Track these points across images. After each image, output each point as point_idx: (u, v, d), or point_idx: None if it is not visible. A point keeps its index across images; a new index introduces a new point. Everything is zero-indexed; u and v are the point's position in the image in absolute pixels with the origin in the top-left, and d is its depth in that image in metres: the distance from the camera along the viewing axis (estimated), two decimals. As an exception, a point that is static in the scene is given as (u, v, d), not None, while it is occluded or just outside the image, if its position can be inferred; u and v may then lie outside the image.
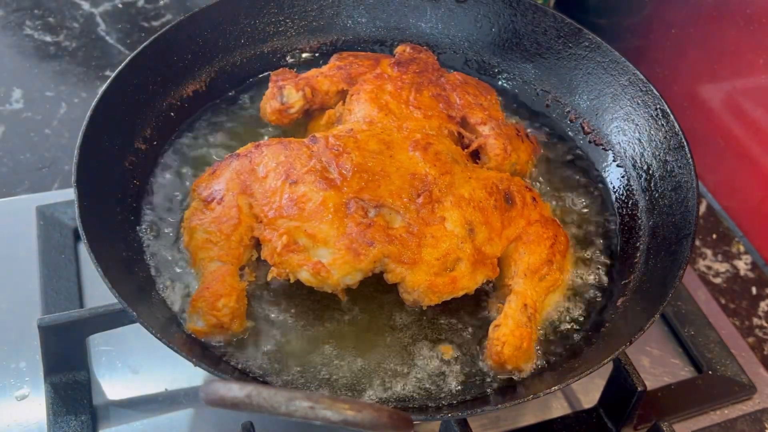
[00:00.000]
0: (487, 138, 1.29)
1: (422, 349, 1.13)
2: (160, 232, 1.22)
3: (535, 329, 1.12)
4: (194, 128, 1.40)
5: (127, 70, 1.27)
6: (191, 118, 1.41)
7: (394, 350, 1.13)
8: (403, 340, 1.14)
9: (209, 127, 1.41)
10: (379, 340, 1.14)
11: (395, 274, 1.08)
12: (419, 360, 1.12)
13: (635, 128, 1.37)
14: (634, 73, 1.38)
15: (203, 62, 1.43)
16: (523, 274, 1.15)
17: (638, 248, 1.26)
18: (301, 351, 1.11)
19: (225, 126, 1.41)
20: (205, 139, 1.38)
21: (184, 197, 1.27)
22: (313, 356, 1.11)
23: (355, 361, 1.11)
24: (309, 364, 1.10)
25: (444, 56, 1.56)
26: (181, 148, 1.35)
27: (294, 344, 1.12)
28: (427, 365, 1.12)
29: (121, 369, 1.22)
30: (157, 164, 1.32)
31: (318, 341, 1.12)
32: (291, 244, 1.08)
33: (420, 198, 1.11)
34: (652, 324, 1.05)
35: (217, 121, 1.42)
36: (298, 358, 1.10)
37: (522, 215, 1.19)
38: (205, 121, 1.41)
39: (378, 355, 1.12)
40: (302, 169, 1.12)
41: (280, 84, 1.34)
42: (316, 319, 1.15)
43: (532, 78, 1.53)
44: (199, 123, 1.41)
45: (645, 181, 1.33)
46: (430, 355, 1.13)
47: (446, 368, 1.12)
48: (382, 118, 1.25)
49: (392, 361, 1.12)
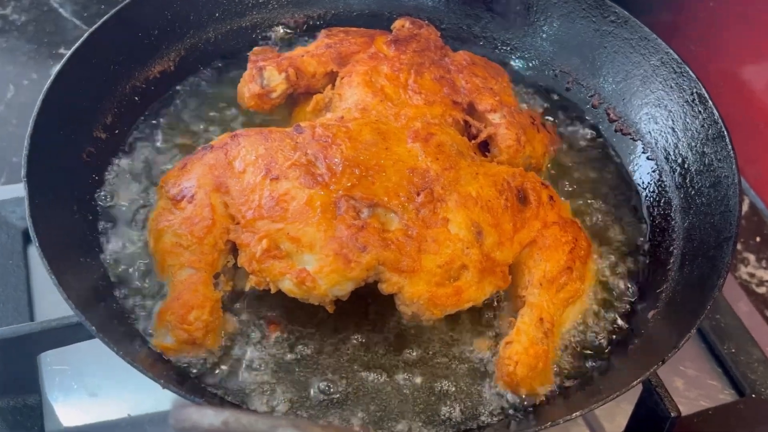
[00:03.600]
0: (498, 127, 1.29)
1: (421, 368, 1.13)
2: (122, 235, 1.22)
3: (552, 347, 1.13)
4: (161, 115, 1.40)
5: (84, 47, 1.27)
6: (158, 102, 1.41)
7: (391, 373, 1.13)
8: (399, 361, 1.14)
9: (178, 113, 1.40)
10: (375, 361, 1.14)
11: (391, 283, 1.09)
12: (416, 380, 1.12)
13: (668, 115, 1.37)
14: (667, 52, 1.38)
15: (172, 39, 1.43)
16: (539, 283, 1.15)
17: (671, 253, 1.26)
18: (285, 370, 1.11)
19: (197, 112, 1.41)
20: (174, 128, 1.37)
21: (151, 195, 1.27)
22: (300, 377, 1.11)
23: (350, 381, 1.11)
24: (294, 385, 1.10)
25: (448, 32, 1.57)
26: (146, 138, 1.35)
27: (277, 362, 1.12)
28: (427, 387, 1.12)
29: (78, 391, 1.22)
30: (119, 156, 1.32)
31: (307, 360, 1.13)
32: (272, 249, 1.08)
33: (420, 196, 1.12)
34: (687, 340, 1.05)
35: (188, 107, 1.42)
36: (281, 379, 1.11)
37: (537, 216, 1.19)
38: (174, 107, 1.41)
39: (375, 380, 1.12)
40: (285, 163, 1.13)
41: (260, 65, 1.34)
42: (303, 336, 1.15)
43: (550, 57, 1.53)
44: (168, 109, 1.41)
45: (679, 176, 1.33)
46: (431, 376, 1.13)
47: (448, 390, 1.12)
48: (377, 104, 1.25)
49: (390, 384, 1.12)
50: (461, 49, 1.46)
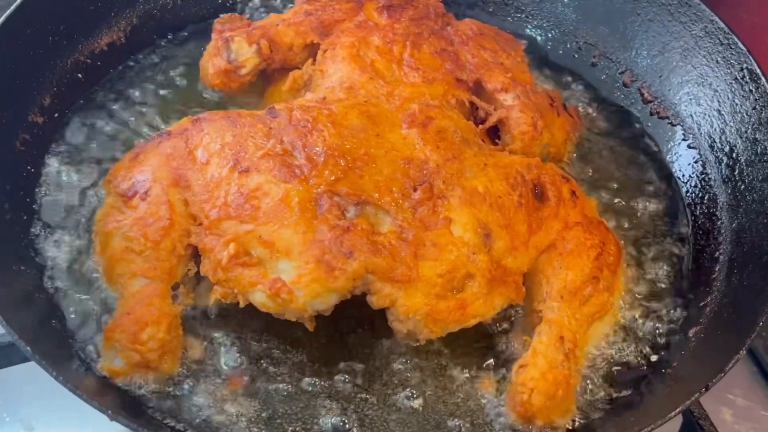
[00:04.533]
0: (511, 110, 1.29)
1: (419, 397, 1.14)
2: (63, 237, 1.21)
3: (574, 370, 1.12)
4: (109, 95, 1.40)
5: (17, 15, 1.26)
6: (105, 80, 1.41)
7: (380, 399, 1.13)
8: (393, 387, 1.15)
9: (129, 93, 1.40)
10: (365, 387, 1.14)
11: (383, 295, 1.08)
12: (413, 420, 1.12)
13: (713, 95, 1.37)
14: (712, 20, 1.38)
15: (122, 4, 1.44)
16: (559, 296, 1.14)
17: (717, 260, 1.27)
18: (258, 399, 1.11)
19: (151, 92, 1.41)
20: (125, 110, 1.37)
21: (96, 190, 1.27)
22: (276, 406, 1.11)
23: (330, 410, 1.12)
24: (269, 416, 1.10)
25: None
26: (91, 122, 1.35)
27: (248, 390, 1.12)
28: (426, 417, 1.12)
29: (10, 424, 1.22)
30: (59, 144, 1.32)
31: (283, 395, 1.13)
32: (241, 254, 1.08)
33: (417, 192, 1.11)
34: (735, 363, 1.05)
35: (141, 86, 1.42)
36: (251, 409, 1.11)
37: (557, 215, 1.19)
38: (125, 86, 1.41)
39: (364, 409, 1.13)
40: (256, 153, 1.12)
41: (226, 35, 1.34)
42: (277, 362, 1.15)
43: (573, 26, 1.54)
44: (116, 87, 1.41)
45: (727, 167, 1.33)
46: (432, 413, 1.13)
47: (454, 424, 1.12)
48: (365, 82, 1.25)
49: (380, 413, 1.12)
50: (467, 17, 1.46)
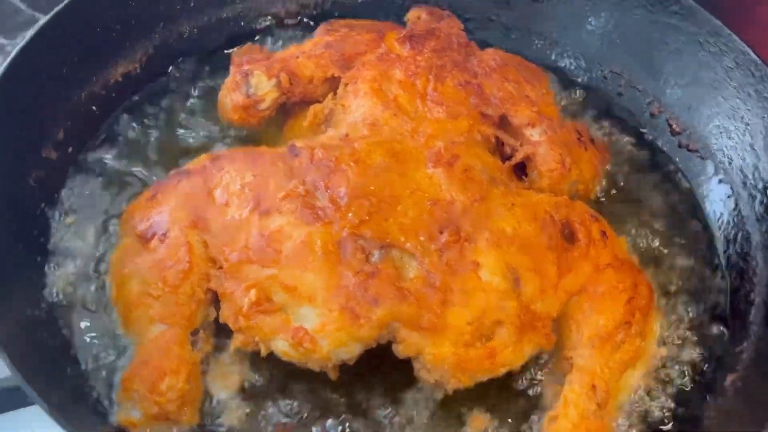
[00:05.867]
0: (538, 146, 1.27)
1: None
2: (77, 280, 1.20)
3: (608, 421, 1.11)
4: (125, 129, 1.39)
5: (33, 45, 1.25)
6: (119, 112, 1.40)
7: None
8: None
9: (146, 127, 1.39)
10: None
11: (409, 344, 1.07)
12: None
13: (745, 129, 1.35)
14: (743, 51, 1.36)
15: (138, 34, 1.43)
16: (590, 342, 1.13)
17: (753, 302, 1.25)
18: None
19: (168, 126, 1.40)
20: (141, 146, 1.37)
21: (113, 230, 1.26)
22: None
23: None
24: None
25: (473, 24, 1.55)
26: (105, 159, 1.35)
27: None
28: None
29: (21, 470, 1.20)
30: (74, 180, 1.31)
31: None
32: (262, 301, 1.07)
33: (443, 235, 1.10)
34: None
35: (157, 120, 1.41)
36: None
37: (587, 257, 1.17)
38: (140, 119, 1.40)
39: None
40: (278, 194, 1.11)
41: (245, 68, 1.33)
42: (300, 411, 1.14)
43: (598, 55, 1.52)
44: (132, 121, 1.40)
45: (761, 205, 1.31)
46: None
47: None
48: (389, 118, 1.23)
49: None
50: (490, 46, 1.45)
